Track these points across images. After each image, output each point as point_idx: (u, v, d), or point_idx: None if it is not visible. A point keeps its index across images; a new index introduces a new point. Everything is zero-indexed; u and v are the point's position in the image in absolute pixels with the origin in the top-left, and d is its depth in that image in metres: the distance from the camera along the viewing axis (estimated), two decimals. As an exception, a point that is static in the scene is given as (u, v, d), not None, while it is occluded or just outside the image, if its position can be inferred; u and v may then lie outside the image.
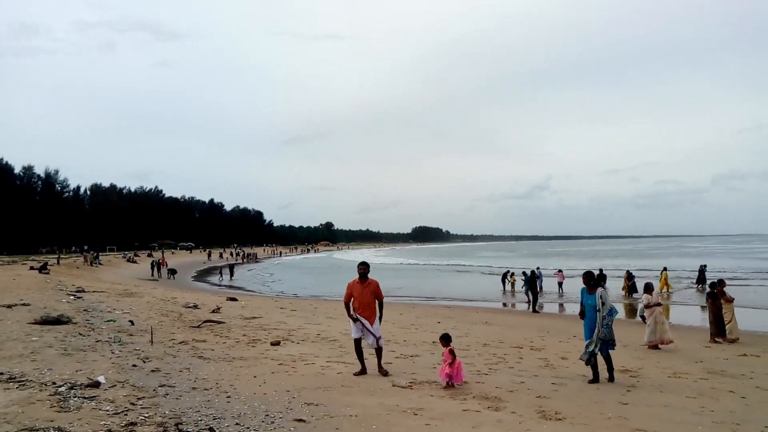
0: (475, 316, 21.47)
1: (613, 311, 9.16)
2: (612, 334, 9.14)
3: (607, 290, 9.52)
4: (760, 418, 7.24)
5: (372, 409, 6.90)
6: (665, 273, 31.48)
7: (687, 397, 8.38)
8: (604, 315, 9.00)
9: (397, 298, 30.26)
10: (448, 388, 8.19)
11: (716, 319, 14.92)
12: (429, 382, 8.65)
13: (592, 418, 6.89)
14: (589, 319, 9.18)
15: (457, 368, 8.36)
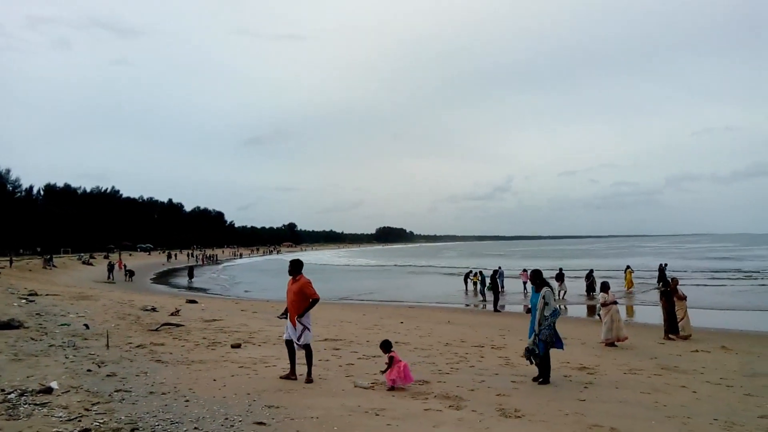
0: (438, 315, 21.63)
1: (556, 312, 9.13)
2: (553, 335, 9.05)
3: (553, 290, 9.49)
4: (709, 411, 7.50)
5: (333, 411, 6.87)
6: (630, 272, 32.27)
7: (641, 393, 8.61)
8: (546, 315, 8.98)
9: (361, 300, 30.28)
10: (398, 390, 8.16)
11: (669, 316, 15.39)
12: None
13: (550, 415, 7.02)
14: (533, 317, 9.26)
15: (403, 370, 8.29)
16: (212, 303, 24.55)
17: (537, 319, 9.03)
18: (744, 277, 40.53)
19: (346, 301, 29.45)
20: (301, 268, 8.79)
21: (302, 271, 8.78)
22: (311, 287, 8.62)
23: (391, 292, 35.43)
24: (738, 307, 24.39)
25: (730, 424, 6.84)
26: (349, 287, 39.42)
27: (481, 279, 30.84)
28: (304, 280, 8.69)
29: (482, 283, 29.78)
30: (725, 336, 15.85)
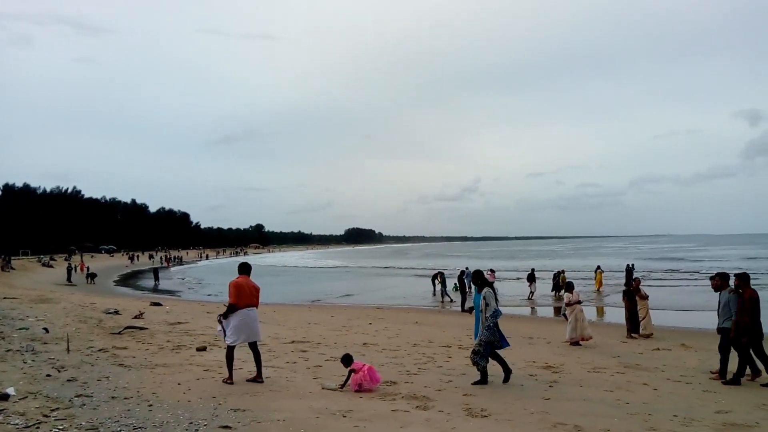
0: (406, 316, 21.71)
1: (496, 313, 8.90)
2: (494, 335, 8.93)
3: (495, 291, 9.30)
4: (670, 408, 7.69)
5: (300, 413, 6.83)
6: (600, 272, 32.84)
7: (605, 391, 8.78)
8: (487, 316, 8.89)
9: (329, 301, 30.19)
10: (366, 391, 8.14)
11: (632, 315, 15.75)
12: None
13: (515, 414, 7.10)
14: (476, 319, 9.20)
15: (368, 373, 8.26)
16: (177, 305, 24.16)
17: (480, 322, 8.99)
18: (703, 277, 41.67)
19: (315, 303, 29.32)
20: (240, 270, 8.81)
21: (244, 272, 8.74)
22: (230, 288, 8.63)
23: (360, 293, 35.41)
24: (696, 306, 25.06)
25: (689, 420, 7.02)
26: (317, 289, 39.27)
27: (442, 280, 30.70)
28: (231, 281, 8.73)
29: (443, 284, 29.78)
30: (685, 334, 16.28)
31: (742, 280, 9.66)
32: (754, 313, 9.33)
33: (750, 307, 9.32)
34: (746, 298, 9.38)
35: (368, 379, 8.22)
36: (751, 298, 9.37)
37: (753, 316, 9.33)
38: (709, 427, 6.71)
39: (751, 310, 9.32)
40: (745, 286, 9.54)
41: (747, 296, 9.38)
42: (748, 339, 9.35)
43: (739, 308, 9.41)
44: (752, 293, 9.43)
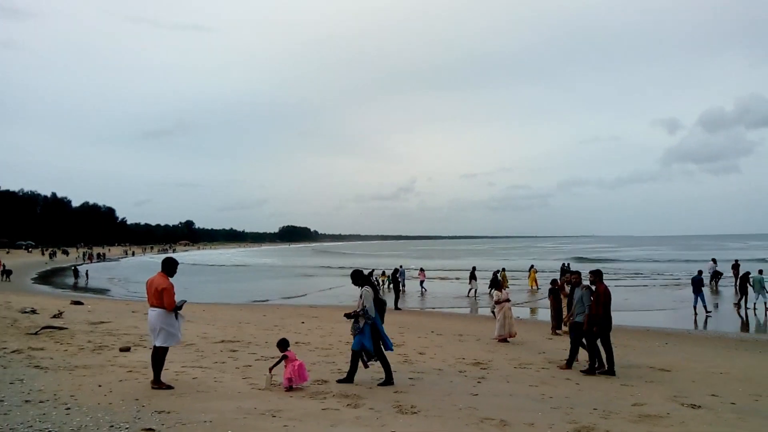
0: (339, 315, 21.59)
1: (368, 314, 8.67)
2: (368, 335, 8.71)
3: (377, 289, 9.20)
4: (589, 401, 8.03)
5: (228, 414, 6.68)
6: (534, 271, 33.79)
7: (530, 386, 9.08)
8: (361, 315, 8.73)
9: (261, 300, 29.72)
10: (297, 390, 8.09)
11: (556, 313, 16.33)
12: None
13: (444, 410, 7.22)
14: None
15: (297, 369, 8.21)
16: (100, 304, 23.15)
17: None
18: (624, 276, 43.76)
19: (246, 303, 28.79)
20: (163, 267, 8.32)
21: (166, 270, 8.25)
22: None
23: (293, 292, 35.05)
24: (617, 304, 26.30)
25: (608, 413, 7.35)
26: (247, 287, 38.60)
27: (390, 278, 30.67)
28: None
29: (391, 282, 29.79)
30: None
31: (596, 276, 10.56)
32: (606, 307, 10.20)
33: (603, 301, 10.19)
34: (600, 292, 10.26)
35: (297, 376, 8.16)
36: (605, 292, 10.27)
37: (605, 309, 10.20)
38: (626, 419, 7.05)
39: (605, 304, 10.19)
40: (599, 282, 10.43)
41: (601, 290, 10.27)
42: (599, 329, 10.18)
43: (594, 301, 10.26)
44: (605, 288, 10.35)
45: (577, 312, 10.63)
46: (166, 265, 8.25)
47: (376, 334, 8.77)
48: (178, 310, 8.08)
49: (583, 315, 10.42)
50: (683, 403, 8.00)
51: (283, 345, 8.60)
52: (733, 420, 7.19)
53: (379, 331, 8.82)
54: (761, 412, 7.71)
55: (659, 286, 35.21)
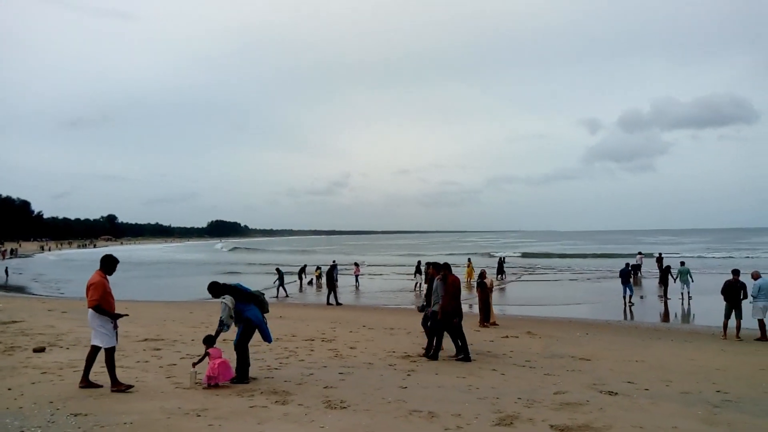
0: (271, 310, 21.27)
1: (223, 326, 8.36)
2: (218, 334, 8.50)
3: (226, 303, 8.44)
4: (514, 391, 8.27)
5: (150, 414, 6.45)
6: (470, 264, 34.42)
7: (458, 377, 9.25)
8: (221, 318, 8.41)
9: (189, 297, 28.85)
10: (224, 388, 7.91)
11: (484, 305, 16.74)
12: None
13: (373, 404, 7.25)
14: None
15: (218, 368, 8.01)
16: (12, 302, 21.84)
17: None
18: (550, 271, 45.39)
19: (172, 300, 27.89)
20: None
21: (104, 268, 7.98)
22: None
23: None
24: (545, 298, 27.30)
25: (532, 401, 7.59)
26: (173, 283, 37.44)
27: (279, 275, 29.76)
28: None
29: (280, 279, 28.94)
30: (531, 322, 17.60)
31: (445, 268, 11.18)
32: (455, 296, 10.83)
33: (452, 291, 10.81)
34: (449, 282, 10.85)
35: (216, 374, 7.95)
36: (453, 283, 10.89)
37: (454, 298, 10.82)
38: (548, 408, 7.30)
39: (453, 294, 10.81)
40: (449, 273, 11.03)
41: (450, 281, 10.86)
42: (451, 318, 10.79)
43: (444, 292, 10.81)
44: (455, 279, 10.98)
45: (433, 302, 11.14)
46: (105, 262, 7.97)
47: (247, 332, 8.54)
48: (114, 317, 7.83)
49: (438, 305, 10.93)
50: (602, 391, 8.37)
51: (207, 341, 8.37)
52: (647, 405, 7.59)
53: (254, 328, 8.59)
54: (671, 396, 8.17)
55: (584, 280, 36.73)
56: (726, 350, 12.89)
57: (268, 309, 8.95)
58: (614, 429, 6.33)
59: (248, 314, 8.52)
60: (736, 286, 14.61)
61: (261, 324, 8.65)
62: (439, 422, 6.48)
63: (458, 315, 10.88)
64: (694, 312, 20.98)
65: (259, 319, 8.63)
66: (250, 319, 8.52)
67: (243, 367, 8.49)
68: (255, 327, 8.59)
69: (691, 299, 22.93)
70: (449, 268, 11.25)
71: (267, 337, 8.76)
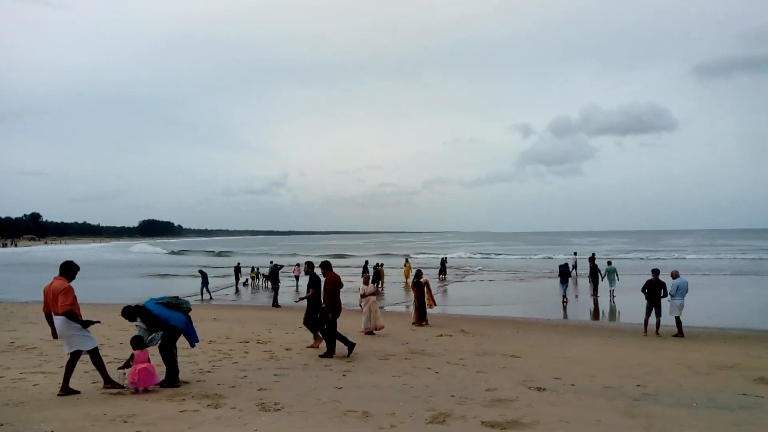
0: (204, 312, 20.81)
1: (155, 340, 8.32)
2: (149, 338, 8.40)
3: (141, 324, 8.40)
4: (448, 389, 8.43)
5: (74, 422, 6.20)
6: (408, 264, 34.67)
7: (393, 377, 9.34)
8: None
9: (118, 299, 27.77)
10: (153, 392, 7.70)
11: (420, 305, 16.96)
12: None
13: (308, 405, 7.22)
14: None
15: (138, 373, 7.76)
16: None
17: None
18: (487, 271, 46.43)
19: (100, 303, 26.78)
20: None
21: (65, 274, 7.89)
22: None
23: (155, 289, 33.18)
24: (482, 298, 27.91)
25: (464, 399, 7.77)
26: (102, 286, 35.99)
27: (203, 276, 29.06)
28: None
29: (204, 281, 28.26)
30: (466, 321, 17.98)
31: (324, 266, 11.65)
32: (333, 294, 11.18)
33: (329, 289, 11.20)
34: (327, 280, 11.27)
35: (137, 380, 7.73)
36: (332, 281, 11.29)
37: (332, 296, 11.17)
38: (480, 404, 7.48)
39: (331, 292, 11.19)
40: (328, 271, 11.47)
41: (328, 279, 11.28)
42: (333, 315, 11.17)
43: (324, 290, 11.27)
44: (333, 277, 11.38)
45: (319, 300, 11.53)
46: (67, 269, 7.89)
47: (172, 336, 8.37)
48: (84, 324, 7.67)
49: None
50: (531, 387, 8.65)
51: (135, 343, 8.11)
52: (572, 399, 7.91)
53: (179, 333, 8.44)
54: (595, 390, 8.55)
55: (518, 279, 37.78)
56: (646, 346, 13.57)
57: (190, 307, 8.79)
58: (541, 424, 6.56)
59: (174, 322, 8.36)
60: (656, 285, 15.40)
61: (187, 329, 8.50)
62: (373, 421, 6.53)
63: (333, 312, 11.18)
64: (619, 309, 22.01)
65: (185, 323, 8.47)
66: (177, 327, 8.37)
67: (172, 370, 8.28)
68: (181, 332, 8.43)
69: (614, 297, 24.07)
70: (330, 267, 11.67)
71: (193, 340, 8.60)
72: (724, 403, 7.85)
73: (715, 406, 7.67)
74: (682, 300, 15.03)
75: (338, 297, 11.37)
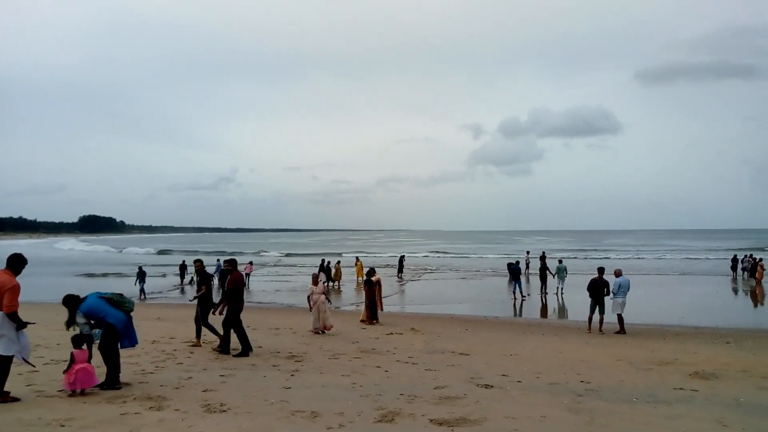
0: (147, 312, 20.23)
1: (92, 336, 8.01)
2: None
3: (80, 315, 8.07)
4: (397, 387, 8.44)
5: (6, 427, 5.90)
6: (359, 263, 34.56)
7: (342, 376, 9.29)
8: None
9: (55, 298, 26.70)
10: (91, 395, 7.43)
11: (371, 303, 16.95)
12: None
13: (255, 406, 7.09)
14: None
15: (78, 374, 7.45)
16: None
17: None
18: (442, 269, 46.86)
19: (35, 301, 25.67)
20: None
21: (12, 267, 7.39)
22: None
23: (93, 287, 32.03)
24: (432, 294, 28.14)
25: (413, 397, 7.79)
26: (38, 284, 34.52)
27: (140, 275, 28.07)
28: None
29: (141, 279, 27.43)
30: (417, 319, 18.06)
31: (231, 264, 11.95)
32: (235, 292, 11.37)
33: (233, 287, 11.39)
34: (231, 279, 11.48)
35: (74, 381, 7.43)
36: (235, 279, 11.52)
37: (235, 294, 11.36)
38: (429, 402, 7.52)
39: (235, 290, 11.37)
40: (233, 270, 11.73)
41: (231, 278, 11.50)
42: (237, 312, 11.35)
43: (227, 288, 11.48)
44: (237, 275, 11.65)
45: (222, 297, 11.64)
46: (14, 261, 7.38)
47: (111, 336, 8.06)
48: (21, 325, 7.20)
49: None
50: (478, 384, 8.76)
51: (75, 342, 7.78)
52: (519, 396, 8.05)
53: (118, 333, 8.09)
54: (541, 387, 8.73)
55: (471, 278, 38.26)
56: (590, 343, 13.96)
57: (132, 307, 8.47)
58: (488, 420, 6.64)
59: (110, 319, 8.05)
60: (599, 284, 15.86)
61: (126, 328, 8.18)
62: (321, 421, 6.47)
63: (235, 310, 11.27)
64: (564, 307, 22.60)
65: (123, 322, 8.16)
66: (113, 325, 8.05)
67: (112, 371, 7.99)
68: (119, 332, 8.08)
69: (563, 295, 24.75)
70: (235, 265, 11.91)
71: (132, 341, 8.30)
72: (662, 397, 8.14)
73: (654, 400, 7.95)
74: (624, 298, 15.54)
75: (242, 295, 11.57)
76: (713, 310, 21.52)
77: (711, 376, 9.70)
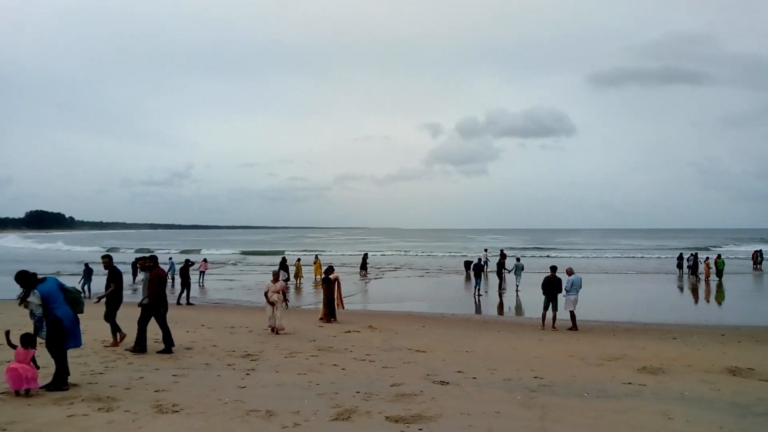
0: (96, 310, 19.63)
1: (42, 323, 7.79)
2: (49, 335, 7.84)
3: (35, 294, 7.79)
4: (354, 385, 8.43)
5: (-58, 432, 5.62)
6: (318, 261, 34.30)
7: (298, 374, 9.22)
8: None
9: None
10: (37, 397, 7.18)
11: (329, 301, 16.88)
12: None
13: (209, 406, 6.97)
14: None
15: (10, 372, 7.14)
16: None
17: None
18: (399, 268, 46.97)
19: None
20: None
21: None
22: None
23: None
24: (387, 292, 28.23)
25: (369, 394, 7.79)
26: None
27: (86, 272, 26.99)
28: None
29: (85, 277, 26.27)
30: (374, 317, 18.09)
31: (153, 261, 11.92)
32: (159, 289, 11.47)
33: (157, 282, 11.45)
34: (152, 276, 11.48)
35: (7, 381, 7.14)
36: (158, 275, 11.59)
37: (158, 291, 11.45)
38: (385, 400, 7.53)
39: (158, 286, 11.46)
40: (155, 267, 11.71)
41: (154, 275, 11.50)
42: (165, 309, 11.49)
43: (149, 285, 11.48)
44: (159, 272, 11.70)
45: (144, 295, 11.59)
46: None
47: (57, 332, 7.74)
48: None
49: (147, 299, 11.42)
50: (434, 381, 8.83)
51: (25, 341, 7.46)
52: (474, 392, 8.15)
53: (64, 329, 7.79)
54: (496, 383, 8.86)
55: (428, 276, 38.52)
56: (543, 339, 14.26)
57: (83, 309, 8.20)
58: (444, 417, 6.70)
59: (58, 312, 7.75)
60: (553, 282, 16.21)
61: (71, 325, 7.91)
62: (277, 420, 6.40)
63: (163, 306, 11.37)
64: (521, 304, 23.03)
65: (70, 318, 7.90)
66: (59, 319, 7.74)
67: (61, 371, 7.72)
68: (65, 328, 7.78)
69: (519, 292, 25.31)
70: (156, 261, 11.84)
71: (77, 341, 8.04)
72: (612, 392, 8.38)
73: (604, 395, 8.17)
74: (576, 295, 15.93)
75: (164, 292, 11.59)
76: (660, 307, 22.27)
77: (658, 370, 10.03)
